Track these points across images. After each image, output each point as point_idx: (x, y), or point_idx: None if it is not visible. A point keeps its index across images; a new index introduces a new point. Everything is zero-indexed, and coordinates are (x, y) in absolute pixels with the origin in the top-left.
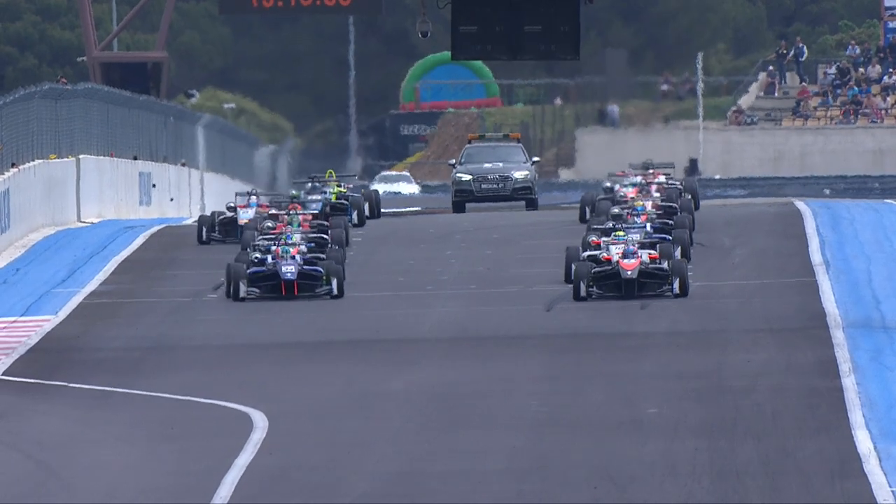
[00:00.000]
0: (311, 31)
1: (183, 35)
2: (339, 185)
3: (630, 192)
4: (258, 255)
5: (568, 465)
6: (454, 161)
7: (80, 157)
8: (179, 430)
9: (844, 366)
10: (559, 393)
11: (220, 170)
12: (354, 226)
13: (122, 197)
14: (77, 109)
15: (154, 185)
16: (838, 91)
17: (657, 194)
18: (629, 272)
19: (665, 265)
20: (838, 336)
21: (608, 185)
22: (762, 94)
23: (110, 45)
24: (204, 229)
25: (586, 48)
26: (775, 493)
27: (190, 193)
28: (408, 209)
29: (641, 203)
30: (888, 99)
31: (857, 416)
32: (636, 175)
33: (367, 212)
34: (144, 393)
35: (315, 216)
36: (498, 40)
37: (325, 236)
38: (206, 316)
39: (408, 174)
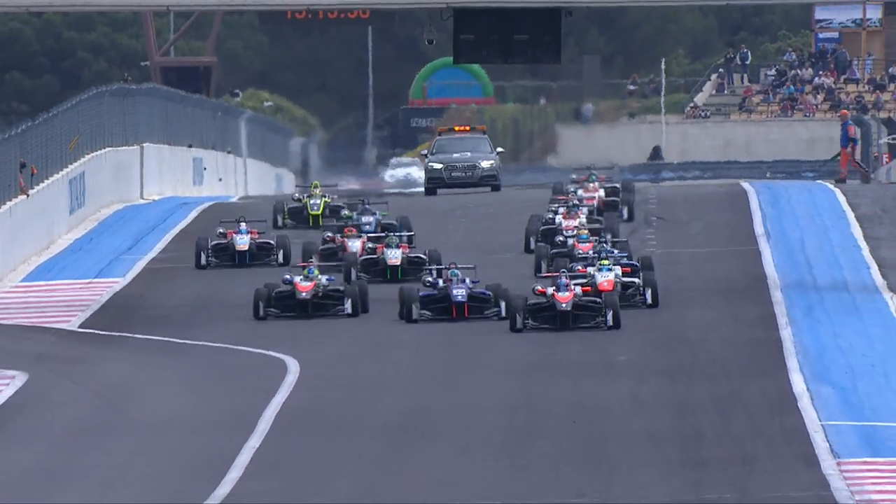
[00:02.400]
0: (336, 39)
1: (228, 43)
2: (324, 197)
3: (566, 223)
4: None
5: (551, 403)
6: (426, 151)
7: (144, 144)
8: (226, 372)
9: (782, 320)
10: (544, 344)
11: (259, 157)
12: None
13: (178, 178)
14: (141, 105)
15: (205, 169)
16: (777, 90)
17: (583, 218)
18: (564, 305)
19: (599, 298)
20: (777, 295)
21: (549, 216)
22: (714, 92)
23: (168, 52)
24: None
25: (565, 54)
26: (724, 426)
27: (235, 176)
28: (413, 189)
29: (585, 231)
30: (818, 97)
31: (792, 362)
32: (579, 187)
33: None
34: (196, 343)
35: (370, 238)
36: (492, 47)
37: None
38: (249, 279)
39: (417, 160)
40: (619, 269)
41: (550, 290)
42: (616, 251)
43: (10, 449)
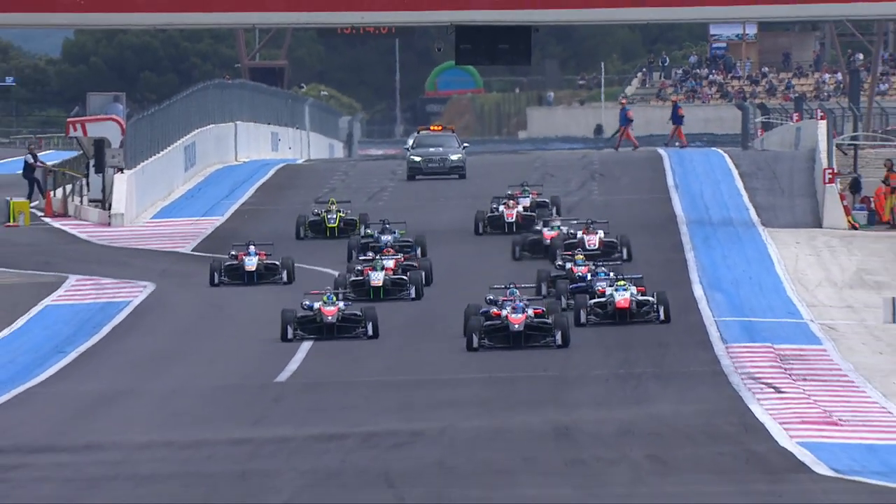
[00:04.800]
0: (372, 48)
1: (296, 50)
2: (339, 212)
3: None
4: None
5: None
6: (408, 146)
7: (236, 122)
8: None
9: (687, 246)
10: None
11: (318, 131)
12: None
13: (260, 146)
14: (234, 95)
15: (279, 140)
16: (683, 83)
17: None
18: (517, 326)
19: (549, 319)
20: (683, 229)
21: (494, 206)
22: (639, 85)
23: (254, 57)
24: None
25: (534, 58)
26: (646, 321)
27: (300, 145)
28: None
29: (581, 256)
30: (712, 89)
31: (694, 276)
32: (501, 202)
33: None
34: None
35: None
36: (482, 53)
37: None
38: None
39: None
40: (634, 289)
41: (505, 313)
42: (612, 273)
43: (142, 337)
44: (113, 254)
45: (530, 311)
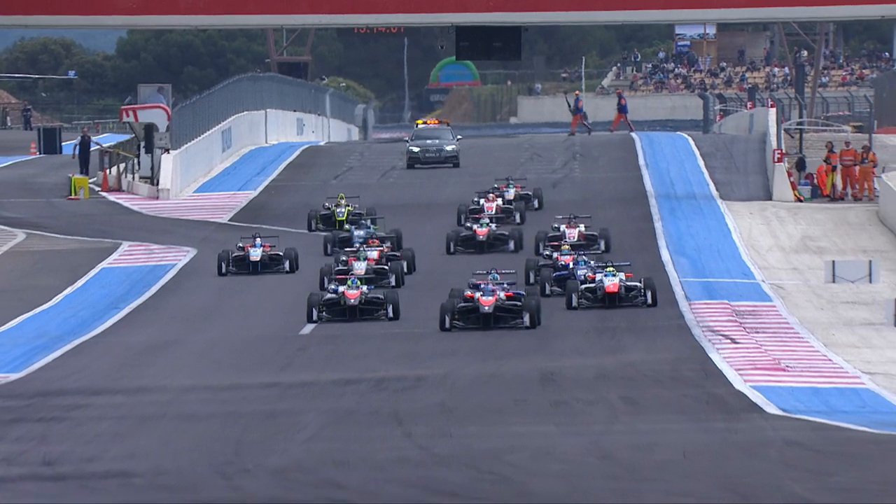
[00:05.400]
0: (384, 45)
1: (318, 47)
2: (348, 206)
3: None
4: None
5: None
6: (408, 138)
7: (267, 110)
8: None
9: (656, 216)
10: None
11: (337, 117)
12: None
13: (287, 130)
14: (265, 86)
15: (304, 125)
16: (652, 76)
17: (494, 225)
18: (487, 308)
19: (519, 301)
20: (652, 202)
21: (476, 198)
22: (614, 78)
23: (282, 53)
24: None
25: (524, 54)
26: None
27: (322, 129)
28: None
29: (567, 247)
30: (677, 81)
31: (661, 242)
32: (482, 196)
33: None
34: (300, 231)
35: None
36: (479, 49)
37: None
38: (337, 187)
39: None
40: (622, 275)
41: (477, 295)
42: (593, 262)
43: (186, 297)
44: (160, 223)
45: (502, 294)
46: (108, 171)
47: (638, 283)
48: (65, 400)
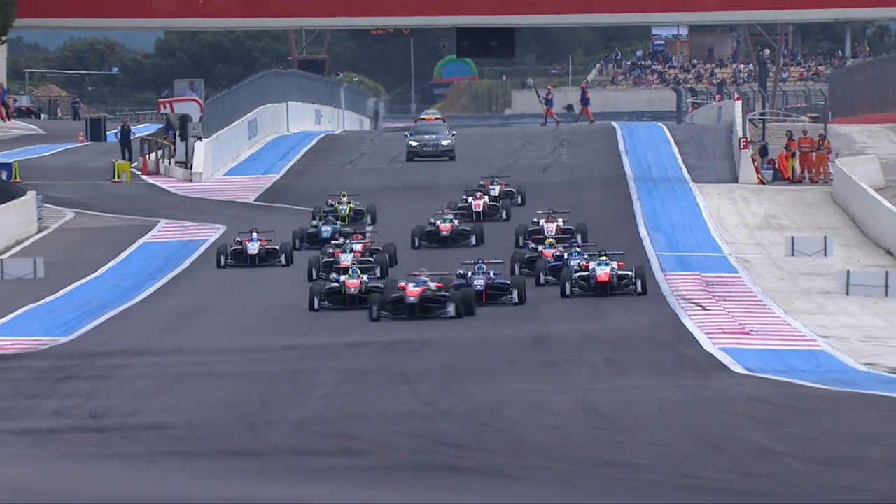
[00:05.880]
0: (393, 44)
1: (334, 47)
2: (350, 203)
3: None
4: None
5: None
6: (407, 132)
7: (288, 102)
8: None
9: (634, 197)
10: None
11: (351, 108)
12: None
13: (307, 120)
14: (287, 81)
15: (321, 116)
16: (631, 73)
17: (456, 221)
18: (412, 298)
19: (445, 292)
20: (631, 184)
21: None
22: (598, 74)
23: (302, 52)
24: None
25: (517, 52)
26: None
27: (337, 119)
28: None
29: (551, 241)
30: (653, 76)
31: (640, 221)
32: (470, 194)
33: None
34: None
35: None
36: (477, 48)
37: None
38: (350, 171)
39: (436, 111)
40: (615, 264)
41: (405, 285)
42: (576, 252)
43: (216, 269)
44: (193, 203)
45: (432, 285)
46: (147, 156)
47: (629, 273)
48: (109, 360)
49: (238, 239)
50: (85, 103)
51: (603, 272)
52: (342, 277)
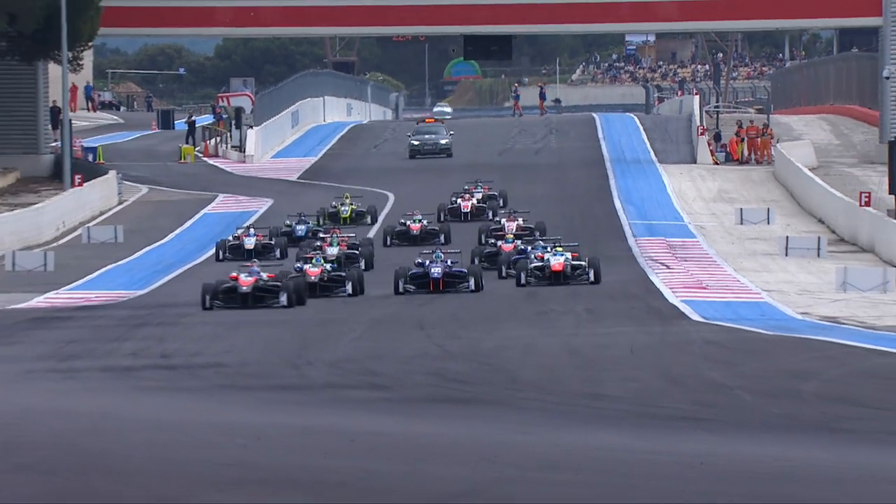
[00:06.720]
0: (411, 49)
1: (362, 51)
2: (352, 204)
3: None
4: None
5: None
6: (410, 133)
7: (324, 97)
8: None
9: (610, 175)
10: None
11: (376, 102)
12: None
13: (339, 112)
14: (323, 79)
15: (352, 108)
16: (608, 72)
17: (425, 221)
18: (245, 287)
19: (277, 282)
20: (608, 165)
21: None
22: (580, 73)
23: (335, 55)
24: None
25: (514, 56)
26: (584, 225)
27: (365, 111)
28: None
29: (510, 236)
30: (626, 76)
31: (615, 194)
32: (459, 196)
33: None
34: (351, 186)
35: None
36: (481, 52)
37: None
38: (375, 154)
39: (447, 105)
40: (569, 254)
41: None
42: (529, 248)
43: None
44: (246, 181)
45: (264, 276)
46: (207, 142)
47: (583, 263)
48: (176, 310)
49: (237, 234)
50: (157, 98)
51: (557, 262)
52: (305, 266)
